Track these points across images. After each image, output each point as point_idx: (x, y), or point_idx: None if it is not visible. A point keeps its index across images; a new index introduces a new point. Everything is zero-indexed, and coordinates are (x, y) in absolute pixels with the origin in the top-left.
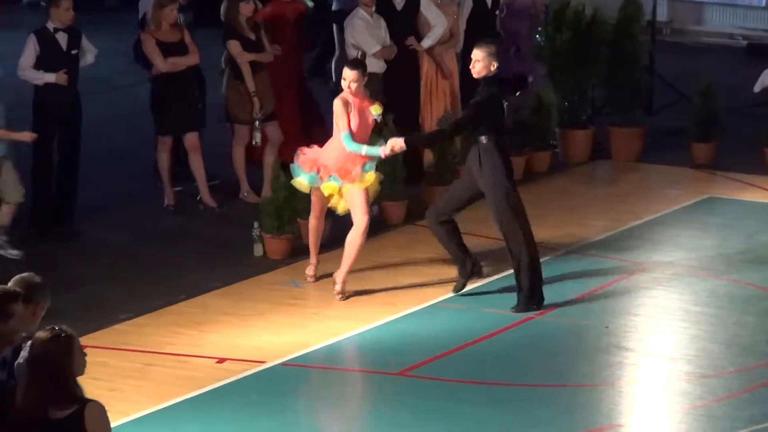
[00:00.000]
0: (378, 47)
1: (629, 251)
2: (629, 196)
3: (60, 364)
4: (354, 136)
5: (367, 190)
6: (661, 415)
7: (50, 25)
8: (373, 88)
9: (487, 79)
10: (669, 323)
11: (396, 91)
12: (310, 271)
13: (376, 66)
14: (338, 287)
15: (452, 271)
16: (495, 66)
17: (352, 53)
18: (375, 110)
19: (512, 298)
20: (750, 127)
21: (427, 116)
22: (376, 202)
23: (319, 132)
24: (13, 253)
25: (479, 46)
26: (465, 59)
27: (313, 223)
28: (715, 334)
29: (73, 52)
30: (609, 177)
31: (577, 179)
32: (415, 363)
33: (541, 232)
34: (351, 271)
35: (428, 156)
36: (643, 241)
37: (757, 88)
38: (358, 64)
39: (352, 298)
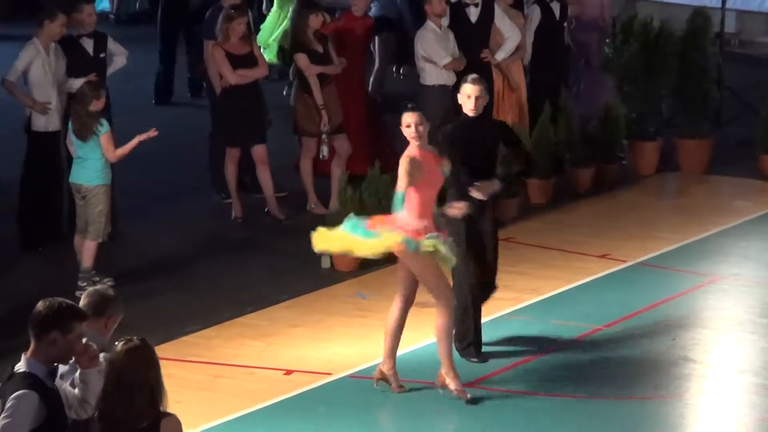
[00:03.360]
0: (449, 59)
1: (697, 263)
2: (697, 208)
3: (141, 374)
4: (424, 199)
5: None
6: (728, 428)
7: (74, 32)
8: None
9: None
10: (737, 335)
11: None
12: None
13: (447, 78)
14: (452, 386)
15: (518, 283)
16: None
17: (422, 65)
18: (445, 167)
19: (576, 308)
20: None
21: None
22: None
23: (386, 145)
24: (106, 281)
25: (479, 83)
26: (533, 72)
27: (394, 316)
28: None
29: (101, 55)
30: (677, 189)
31: (645, 191)
32: (482, 375)
33: (609, 244)
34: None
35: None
36: (711, 253)
37: None
38: (414, 108)
39: (418, 310)
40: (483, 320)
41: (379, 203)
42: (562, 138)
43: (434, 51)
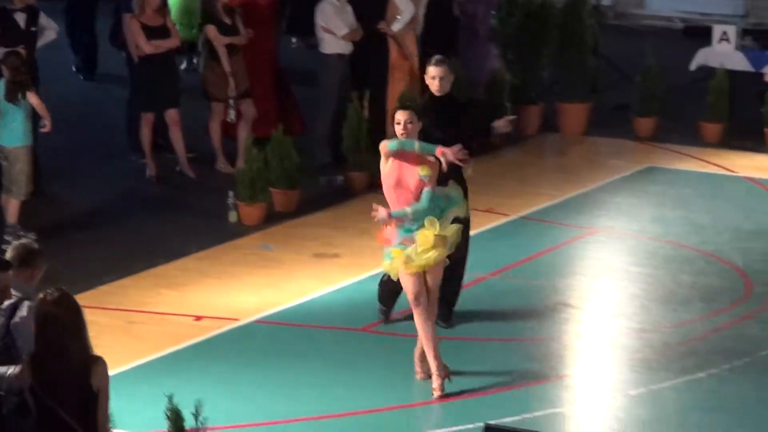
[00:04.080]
0: (346, 30)
1: (575, 217)
2: (576, 167)
3: (74, 318)
4: (394, 195)
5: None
6: (602, 367)
7: (8, 5)
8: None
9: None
10: (611, 282)
11: (367, 72)
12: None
13: (344, 47)
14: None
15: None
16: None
17: (322, 35)
18: (422, 171)
19: (469, 259)
20: (687, 102)
21: (390, 95)
22: (341, 172)
23: (291, 110)
24: (30, 236)
25: (442, 63)
26: (425, 41)
27: (420, 321)
28: (652, 293)
29: (33, 29)
30: (557, 149)
31: (527, 151)
32: (378, 320)
33: (493, 200)
34: (320, 236)
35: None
36: (589, 208)
37: (693, 67)
38: (410, 107)
39: (321, 259)
40: (379, 270)
41: (281, 164)
42: None
43: (333, 22)
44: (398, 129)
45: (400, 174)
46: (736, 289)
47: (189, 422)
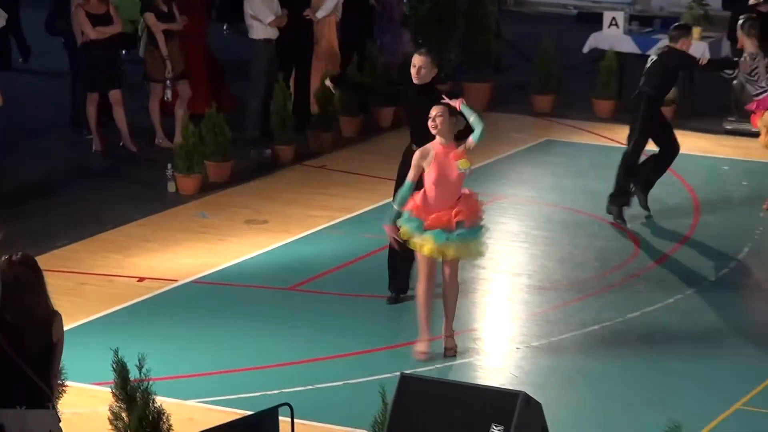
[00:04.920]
0: (272, 17)
1: (481, 185)
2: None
3: (37, 277)
4: (434, 191)
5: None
6: (506, 321)
7: None
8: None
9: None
10: (513, 244)
11: (292, 56)
12: (421, 347)
13: (271, 33)
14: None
15: (333, 203)
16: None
17: (250, 22)
18: (462, 164)
19: (381, 224)
20: (581, 81)
21: (313, 76)
22: (269, 146)
23: (222, 89)
24: None
25: (426, 54)
26: (344, 27)
27: (421, 290)
28: (551, 253)
29: None
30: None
31: None
32: (303, 280)
33: None
34: (250, 204)
35: (314, 107)
36: (493, 177)
37: (585, 49)
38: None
39: (251, 225)
40: (303, 234)
41: (215, 138)
42: (368, 82)
43: (260, 10)
44: (431, 124)
45: (440, 170)
46: (625, 250)
47: (133, 374)
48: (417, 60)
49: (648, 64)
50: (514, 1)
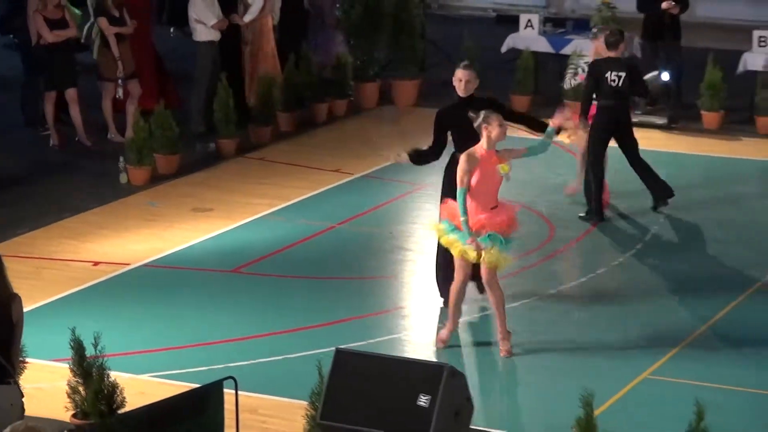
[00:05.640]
0: (215, 20)
1: (407, 175)
2: (408, 133)
3: None
4: (474, 194)
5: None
6: (432, 299)
7: None
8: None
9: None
10: None
11: (227, 57)
12: (442, 334)
13: (214, 35)
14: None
15: (272, 192)
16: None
17: (194, 25)
18: (503, 169)
19: (317, 210)
20: (499, 79)
21: (253, 75)
22: (213, 140)
23: (169, 87)
24: None
25: (469, 68)
26: (282, 29)
27: (453, 287)
28: None
29: None
30: (393, 118)
31: (368, 121)
32: (246, 263)
33: (340, 161)
34: (196, 194)
35: (251, 103)
36: (419, 167)
37: (503, 49)
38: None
39: (197, 213)
40: (246, 221)
41: (164, 133)
42: (304, 80)
43: (204, 14)
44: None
45: (482, 174)
46: (542, 233)
47: (89, 350)
48: (461, 74)
49: (616, 81)
50: (438, 4)
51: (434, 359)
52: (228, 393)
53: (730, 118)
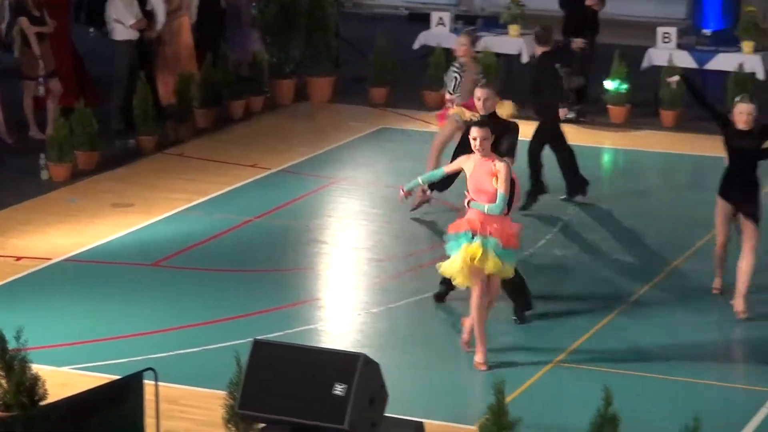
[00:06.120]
0: (133, 20)
1: (323, 169)
2: (323, 128)
3: None
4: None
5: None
6: (348, 290)
7: None
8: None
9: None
10: (353, 222)
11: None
12: (478, 358)
13: (132, 35)
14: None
15: (190, 187)
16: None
17: (113, 25)
18: (496, 183)
19: (235, 204)
20: (412, 75)
21: (167, 74)
22: (132, 137)
23: (89, 85)
24: None
25: (487, 86)
26: (199, 29)
27: (475, 302)
28: (388, 229)
29: None
30: (308, 114)
31: (284, 116)
32: (165, 256)
33: (257, 156)
34: (116, 189)
35: (172, 97)
36: (334, 162)
37: (416, 46)
38: (485, 123)
39: (117, 208)
40: (165, 215)
41: (84, 130)
42: (221, 78)
43: (122, 14)
44: (474, 144)
45: (475, 181)
46: None
47: (12, 344)
48: (480, 93)
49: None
50: (352, 2)
51: (350, 349)
52: (148, 384)
53: (635, 111)
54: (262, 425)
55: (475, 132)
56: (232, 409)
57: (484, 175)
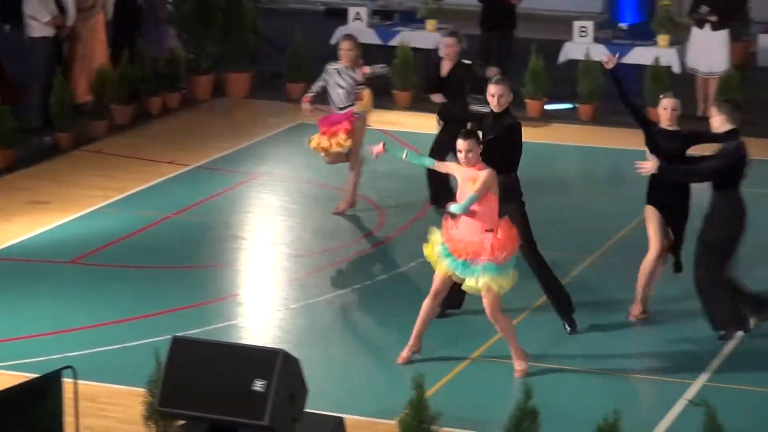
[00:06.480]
0: (49, 17)
1: (242, 165)
2: (242, 124)
3: None
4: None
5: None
6: (267, 286)
7: None
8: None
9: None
10: (272, 217)
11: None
12: (404, 352)
13: (48, 32)
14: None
15: (108, 184)
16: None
17: (29, 22)
18: (470, 188)
19: (153, 201)
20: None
21: (83, 71)
22: (50, 134)
23: (6, 83)
24: None
25: (502, 83)
26: (115, 25)
27: (424, 304)
28: (306, 225)
29: None
30: (226, 110)
31: (201, 113)
32: (83, 253)
33: (175, 153)
34: (33, 187)
35: (87, 97)
36: (252, 157)
37: (333, 41)
38: (472, 134)
39: (34, 205)
40: (83, 213)
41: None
42: (138, 74)
43: (38, 11)
44: (461, 157)
45: (462, 193)
46: (372, 220)
47: None
48: (495, 89)
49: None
50: None
51: (269, 345)
52: (67, 382)
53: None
54: (182, 422)
55: (461, 144)
56: (152, 406)
57: (467, 183)
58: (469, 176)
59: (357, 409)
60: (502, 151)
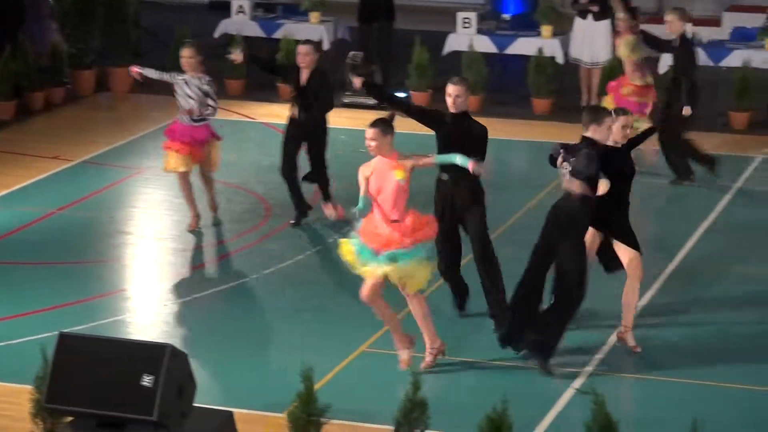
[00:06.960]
0: None
1: (126, 159)
2: (125, 119)
3: None
4: (374, 201)
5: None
6: (153, 281)
7: None
8: None
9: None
10: (158, 212)
11: None
12: (404, 355)
13: None
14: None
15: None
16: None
17: None
18: (398, 175)
19: (37, 198)
20: (214, 63)
21: None
22: None
23: None
24: None
25: (460, 83)
26: None
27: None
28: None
29: None
30: (110, 105)
31: (85, 108)
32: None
33: (59, 148)
34: None
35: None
36: (137, 152)
37: (216, 34)
38: (379, 122)
39: None
40: None
41: None
42: (20, 69)
43: None
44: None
45: (380, 183)
46: (259, 213)
47: None
48: (452, 89)
49: None
50: None
51: (157, 340)
52: None
53: (435, 97)
54: (69, 419)
55: (367, 133)
56: (39, 403)
57: (386, 173)
58: (384, 168)
59: (246, 403)
60: (470, 156)
